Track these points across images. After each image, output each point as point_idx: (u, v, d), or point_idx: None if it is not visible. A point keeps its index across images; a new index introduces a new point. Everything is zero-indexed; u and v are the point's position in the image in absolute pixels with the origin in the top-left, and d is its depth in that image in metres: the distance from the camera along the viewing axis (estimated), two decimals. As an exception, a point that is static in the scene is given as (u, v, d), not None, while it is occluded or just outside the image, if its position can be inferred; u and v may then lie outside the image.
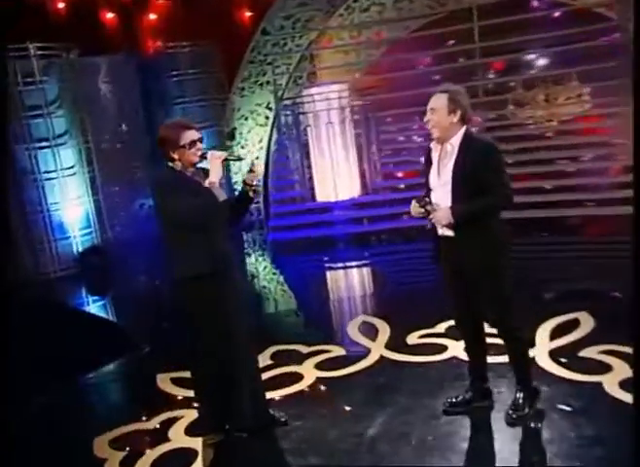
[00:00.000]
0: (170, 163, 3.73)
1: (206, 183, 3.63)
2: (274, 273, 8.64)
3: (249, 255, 9.87)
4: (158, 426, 4.42)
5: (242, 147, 11.62)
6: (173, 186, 3.65)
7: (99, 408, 4.99)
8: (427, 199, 3.64)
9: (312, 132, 10.07)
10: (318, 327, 6.20)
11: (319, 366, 5.03)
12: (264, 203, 11.32)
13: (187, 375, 4.26)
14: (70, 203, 9.57)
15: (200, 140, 3.74)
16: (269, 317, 6.70)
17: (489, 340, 4.00)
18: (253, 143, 11.63)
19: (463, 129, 3.61)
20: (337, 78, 10.92)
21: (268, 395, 4.40)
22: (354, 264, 8.53)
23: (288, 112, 10.69)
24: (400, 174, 10.48)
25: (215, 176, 3.66)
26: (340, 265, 8.56)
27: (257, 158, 11.52)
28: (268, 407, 4.20)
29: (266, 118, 11.55)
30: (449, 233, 3.64)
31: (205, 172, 3.76)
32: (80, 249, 9.65)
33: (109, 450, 4.17)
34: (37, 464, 4.11)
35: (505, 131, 9.54)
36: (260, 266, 9.12)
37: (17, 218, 9.07)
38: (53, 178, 9.40)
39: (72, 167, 9.59)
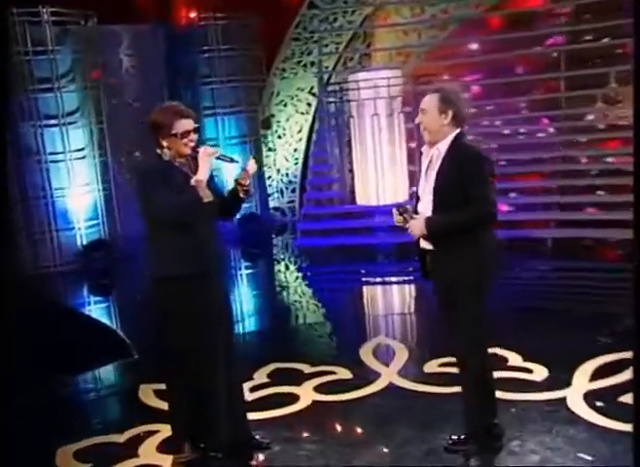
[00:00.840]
0: (159, 151, 3.94)
1: (193, 181, 3.80)
2: (300, 284, 8.89)
3: (278, 261, 10.13)
4: (129, 440, 4.66)
5: (279, 136, 11.93)
6: (157, 177, 3.86)
7: (72, 415, 5.22)
8: (407, 207, 3.80)
9: (355, 124, 10.24)
10: (330, 345, 6.40)
11: (319, 388, 5.19)
12: (299, 203, 11.55)
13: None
14: (77, 190, 10.00)
15: (196, 130, 3.95)
16: (279, 331, 6.94)
17: (503, 373, 4.05)
18: (291, 133, 11.92)
19: (454, 133, 3.76)
20: (393, 62, 11.09)
21: (256, 415, 4.58)
22: (394, 279, 8.66)
23: (333, 99, 10.87)
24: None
25: (203, 174, 3.82)
26: (378, 279, 8.71)
27: (295, 150, 11.77)
28: (249, 427, 4.37)
29: (308, 105, 11.84)
30: (429, 246, 3.79)
31: (196, 164, 3.95)
32: (84, 242, 10.08)
33: (72, 463, 4.39)
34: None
35: (593, 134, 9.46)
36: (288, 274, 9.43)
37: (17, 203, 9.55)
38: (59, 161, 9.85)
39: (82, 150, 10.02)
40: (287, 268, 9.72)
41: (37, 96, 9.57)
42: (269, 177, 12.06)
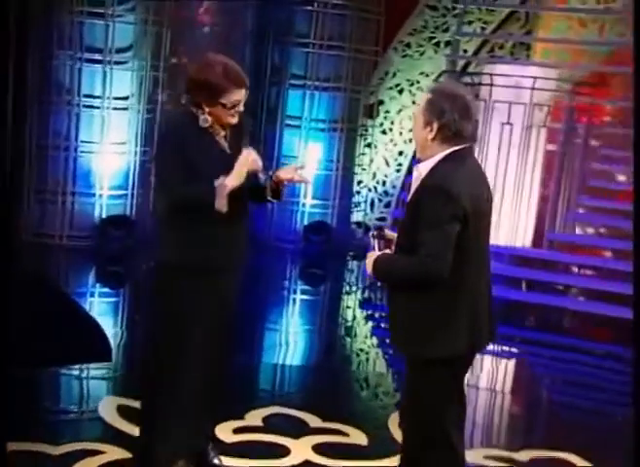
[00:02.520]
0: (195, 110, 4.25)
1: (216, 182, 4.12)
2: (366, 326, 9.25)
3: (347, 292, 10.50)
4: (64, 455, 4.97)
5: (384, 132, 12.21)
6: (183, 145, 4.20)
7: (14, 412, 5.50)
8: (384, 233, 3.99)
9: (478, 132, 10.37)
10: (364, 404, 6.69)
11: (319, 448, 5.42)
12: (391, 222, 11.67)
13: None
14: (108, 148, 10.49)
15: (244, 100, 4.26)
16: (309, 372, 7.43)
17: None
18: (401, 129, 12.14)
19: (443, 153, 3.79)
20: (552, 59, 11.19)
21: (231, 461, 4.93)
22: (490, 346, 8.62)
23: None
24: (602, 230, 10.61)
25: (231, 180, 4.16)
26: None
27: (400, 152, 12.03)
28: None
29: (432, 96, 11.98)
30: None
31: (234, 134, 4.34)
32: (103, 215, 10.55)
33: (-8, 464, 4.81)
34: None
35: None
36: (354, 311, 9.76)
37: (29, 150, 10.13)
38: (94, 107, 10.37)
39: (126, 99, 10.51)
40: (356, 303, 9.98)
41: (82, 21, 10.10)
42: (360, 182, 12.30)
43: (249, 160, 4.20)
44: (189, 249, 4.26)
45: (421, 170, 3.79)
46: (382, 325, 8.84)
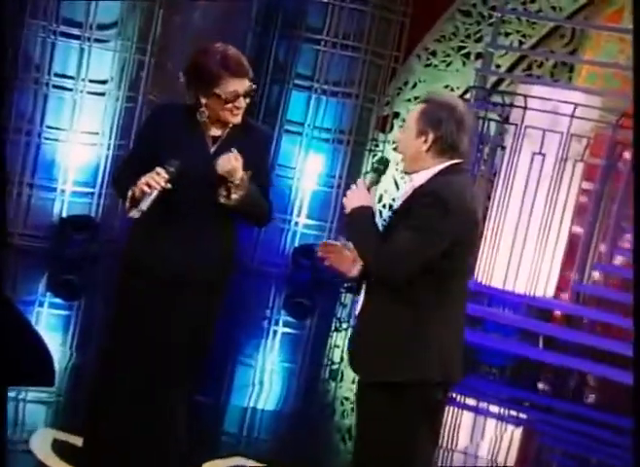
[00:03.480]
0: (195, 106, 4.31)
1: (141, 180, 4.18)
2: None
3: (337, 329, 10.49)
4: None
5: (395, 149, 11.86)
6: (161, 131, 4.29)
7: None
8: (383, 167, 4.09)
9: (504, 160, 10.36)
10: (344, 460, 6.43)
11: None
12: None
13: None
14: (78, 138, 10.34)
15: (249, 94, 4.26)
16: (284, 420, 7.36)
17: None
18: None
19: (439, 166, 3.87)
20: (604, 85, 11.20)
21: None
22: (495, 410, 8.66)
23: (494, 116, 10.87)
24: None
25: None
26: (472, 403, 8.67)
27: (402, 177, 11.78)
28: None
29: (454, 114, 11.92)
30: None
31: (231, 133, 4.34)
32: (63, 214, 10.39)
33: None
34: None
35: None
36: (342, 350, 9.47)
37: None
38: (66, 89, 10.23)
39: (104, 83, 10.37)
40: (346, 342, 9.68)
41: (61, -10, 9.94)
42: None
43: (228, 164, 4.18)
44: (131, 249, 4.41)
45: (415, 181, 3.87)
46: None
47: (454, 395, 8.44)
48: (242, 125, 4.30)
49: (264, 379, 8.31)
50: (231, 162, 4.15)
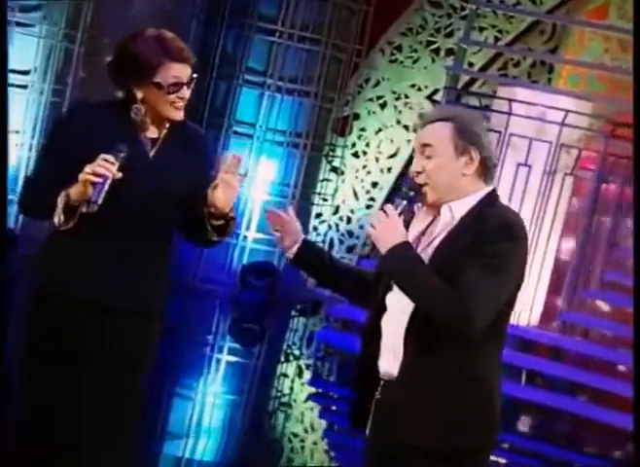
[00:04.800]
0: (127, 103, 3.95)
1: (63, 191, 3.85)
2: (309, 407, 8.75)
3: (287, 359, 10.14)
4: None
5: (356, 154, 11.94)
6: (84, 134, 3.85)
7: None
8: (414, 196, 3.66)
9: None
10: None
11: None
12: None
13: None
14: (-7, 136, 9.84)
15: (190, 83, 3.95)
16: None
17: None
18: (378, 155, 11.84)
19: (482, 192, 3.55)
20: (587, 88, 11.08)
21: None
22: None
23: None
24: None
25: (75, 190, 3.77)
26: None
27: (374, 184, 11.85)
28: None
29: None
30: (391, 370, 3.62)
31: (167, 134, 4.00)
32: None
33: None
34: None
35: None
36: (296, 384, 9.38)
37: None
38: (-18, 81, 9.70)
39: (26, 74, 9.90)
40: (299, 373, 9.71)
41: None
42: (319, 216, 11.93)
43: (228, 174, 3.80)
44: (50, 274, 3.97)
45: (455, 211, 3.53)
46: (332, 407, 8.75)
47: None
48: (179, 125, 3.97)
49: (203, 415, 8.06)
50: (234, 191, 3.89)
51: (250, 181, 11.17)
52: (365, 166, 11.71)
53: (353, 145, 11.75)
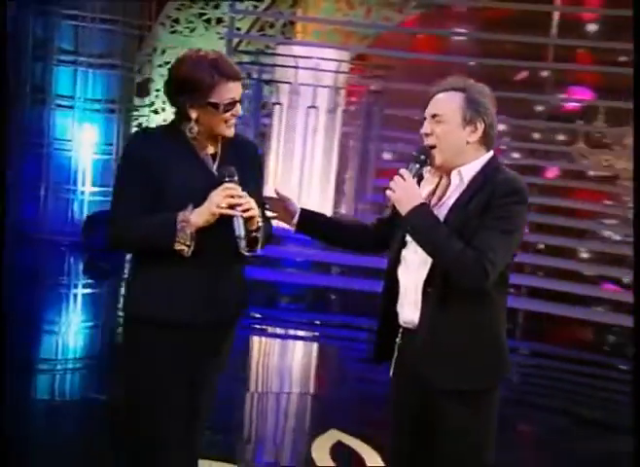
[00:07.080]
0: (179, 123, 3.84)
1: (180, 218, 3.70)
2: None
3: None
4: None
5: (156, 111, 12.91)
6: (150, 160, 3.76)
7: None
8: (425, 158, 3.73)
9: (281, 115, 11.04)
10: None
11: None
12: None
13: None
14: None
15: (240, 101, 3.87)
16: None
17: None
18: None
19: (485, 157, 3.70)
20: (324, 40, 12.08)
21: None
22: (302, 333, 9.67)
23: (244, 76, 11.63)
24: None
25: (199, 217, 3.70)
26: (281, 331, 9.62)
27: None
28: None
29: (210, 77, 12.65)
30: (413, 318, 3.75)
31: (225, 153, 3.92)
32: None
33: None
34: None
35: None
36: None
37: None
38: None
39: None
40: None
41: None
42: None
43: (222, 195, 3.69)
44: (150, 300, 3.83)
45: (463, 175, 3.66)
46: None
47: (264, 326, 9.57)
48: (232, 138, 3.87)
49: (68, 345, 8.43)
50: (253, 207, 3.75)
51: (78, 145, 11.94)
52: (165, 120, 11.69)
53: (152, 104, 12.59)
